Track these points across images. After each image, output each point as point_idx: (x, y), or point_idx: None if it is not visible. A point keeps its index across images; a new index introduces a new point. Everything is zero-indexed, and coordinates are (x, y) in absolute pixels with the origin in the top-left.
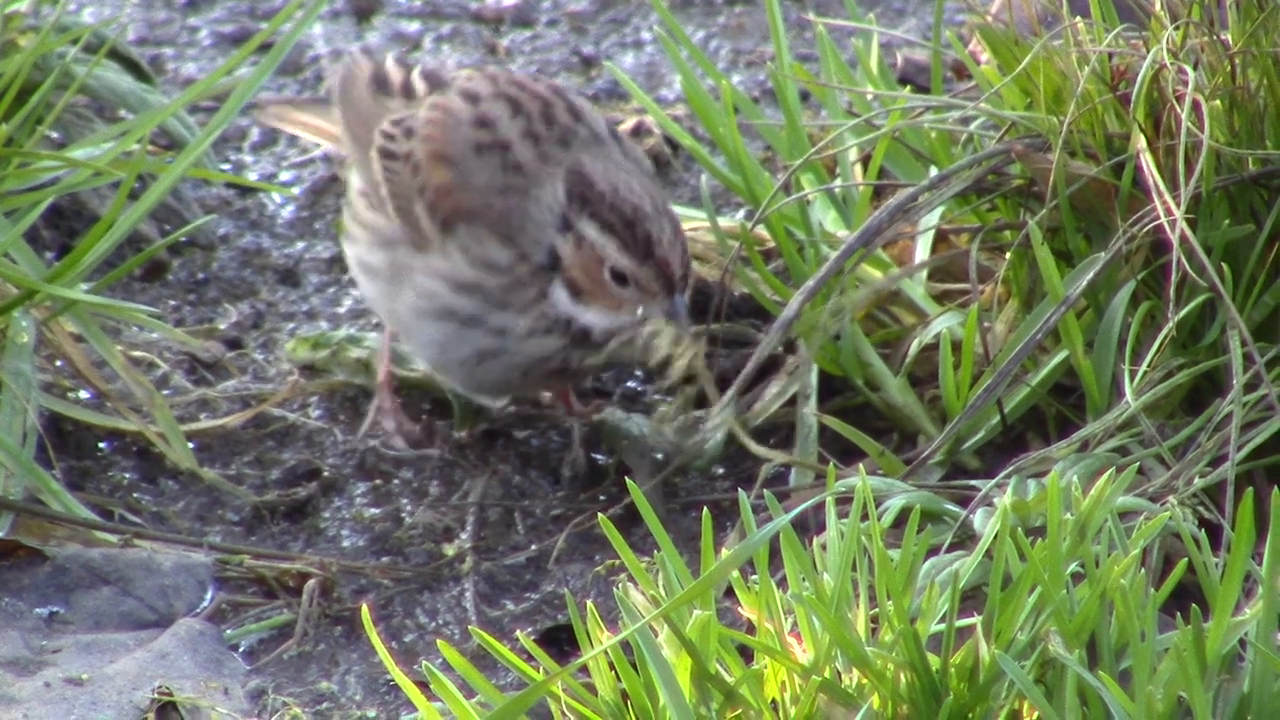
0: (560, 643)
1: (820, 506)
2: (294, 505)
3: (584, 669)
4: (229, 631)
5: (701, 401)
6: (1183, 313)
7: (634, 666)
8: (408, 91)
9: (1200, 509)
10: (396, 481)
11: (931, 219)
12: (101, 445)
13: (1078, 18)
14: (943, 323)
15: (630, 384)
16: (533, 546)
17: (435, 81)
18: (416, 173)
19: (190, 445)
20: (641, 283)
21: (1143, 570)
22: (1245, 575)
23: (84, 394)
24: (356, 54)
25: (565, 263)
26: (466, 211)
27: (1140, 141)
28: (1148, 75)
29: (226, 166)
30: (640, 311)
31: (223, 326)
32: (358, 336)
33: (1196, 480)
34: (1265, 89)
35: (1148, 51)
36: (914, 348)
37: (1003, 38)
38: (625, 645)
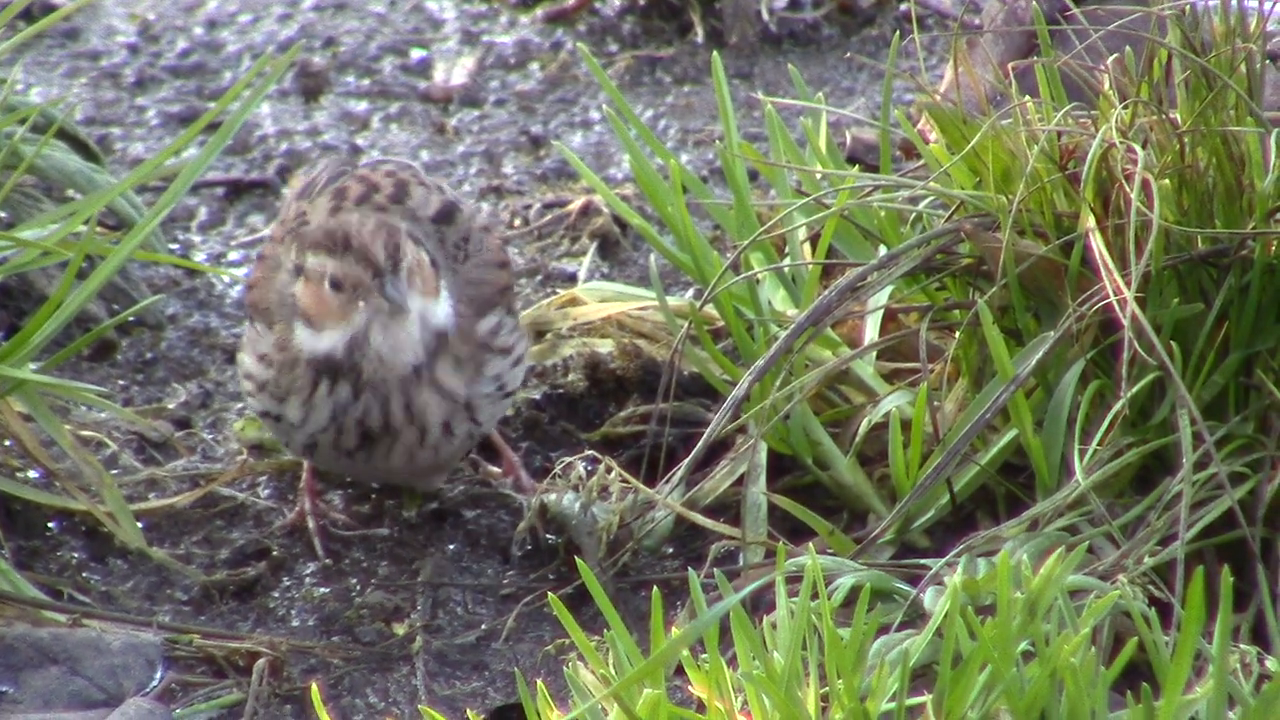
0: None
1: (770, 585)
2: (243, 584)
3: None
4: (178, 711)
5: (651, 480)
6: (1132, 391)
7: None
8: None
9: (1150, 587)
10: (346, 561)
11: (881, 298)
12: (50, 524)
13: (1026, 97)
14: (892, 401)
15: (580, 456)
16: (483, 625)
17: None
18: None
19: (139, 524)
20: (350, 277)
21: (1093, 649)
22: (1196, 654)
23: (33, 473)
24: None
25: (299, 301)
26: (265, 309)
27: (1089, 220)
28: (1097, 154)
29: (174, 246)
30: (362, 307)
31: (171, 406)
32: None
33: (1146, 559)
34: (1214, 168)
35: (1097, 130)
36: (864, 427)
37: (951, 117)
38: None
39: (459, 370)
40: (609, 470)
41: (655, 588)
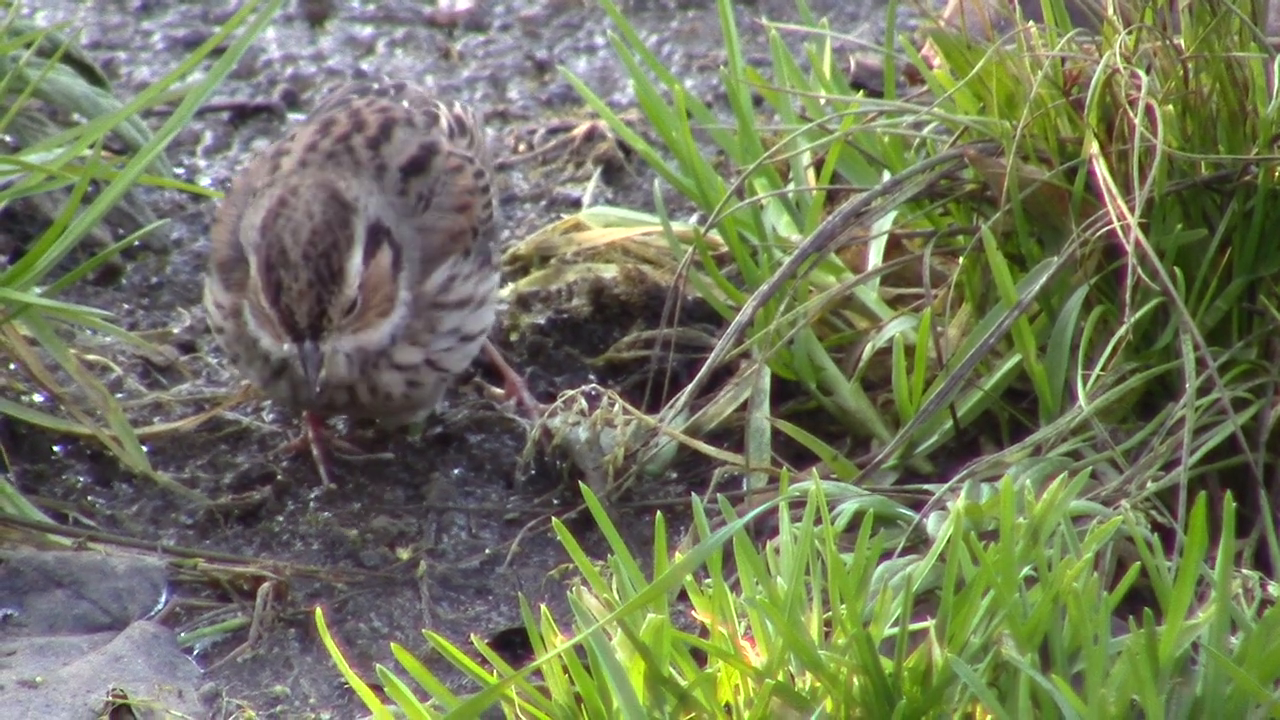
0: (514, 646)
1: (774, 511)
2: (248, 508)
3: (538, 672)
4: (183, 635)
5: (655, 405)
6: (1136, 317)
7: (587, 670)
8: None
9: (1153, 513)
10: (350, 485)
11: (884, 223)
12: (56, 449)
13: (1030, 22)
14: (896, 327)
15: (585, 388)
16: (487, 550)
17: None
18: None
19: (144, 448)
20: (273, 323)
21: (1096, 574)
22: (1198, 579)
23: (38, 397)
24: None
25: (249, 287)
26: (220, 263)
27: (1093, 146)
28: (1101, 80)
29: (180, 171)
30: (285, 346)
31: (176, 330)
32: None
33: (1149, 484)
34: (1218, 93)
35: (1101, 56)
36: (867, 352)
37: (955, 42)
38: (579, 648)
39: (415, 342)
40: (612, 403)
41: (659, 513)
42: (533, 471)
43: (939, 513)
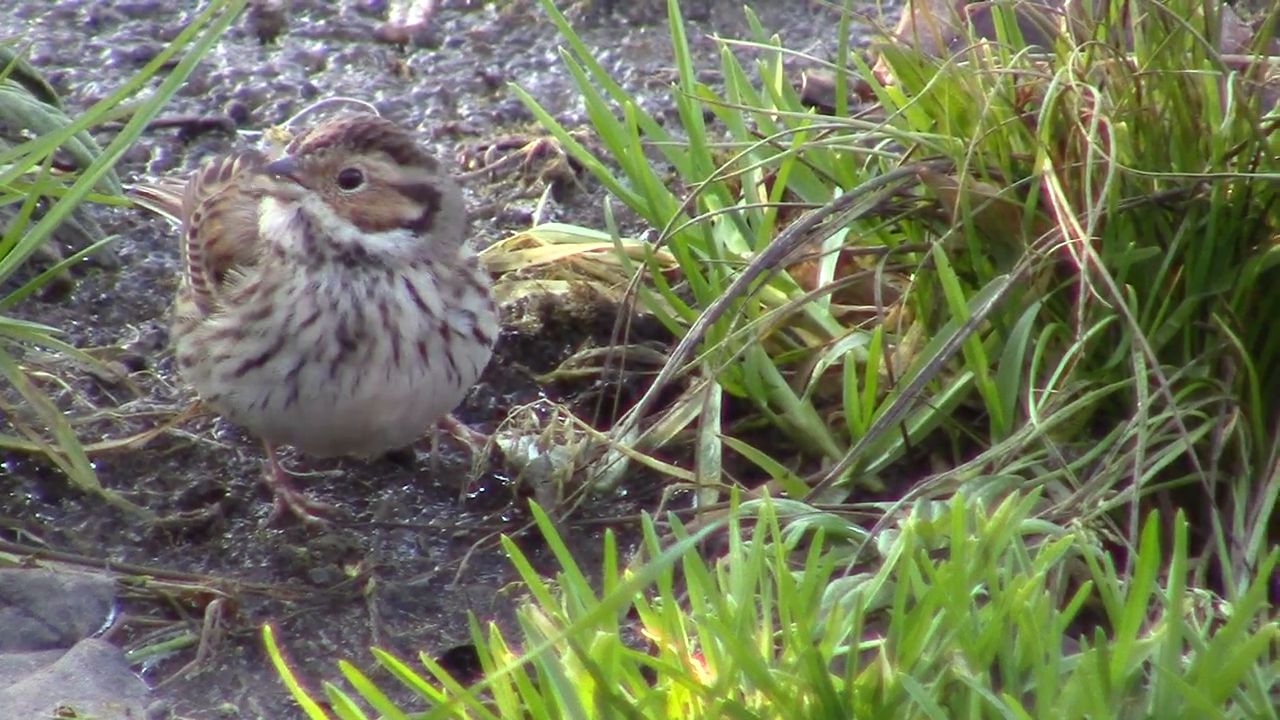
0: (464, 664)
1: (724, 528)
2: (196, 526)
3: (487, 690)
4: (131, 652)
5: (606, 422)
6: (1088, 335)
7: (537, 688)
8: (226, 175)
9: (1105, 531)
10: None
11: (836, 240)
12: (4, 465)
13: (983, 39)
14: (847, 344)
15: (535, 405)
16: (436, 567)
17: (254, 160)
18: (204, 237)
19: (93, 465)
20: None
21: (1047, 592)
22: (1150, 598)
23: None
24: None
25: None
26: (227, 254)
27: (1045, 163)
28: (1053, 97)
29: (129, 187)
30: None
31: (125, 347)
32: None
33: (1101, 503)
34: (1170, 111)
35: (1053, 73)
36: (818, 369)
37: (908, 59)
38: (529, 666)
39: (437, 289)
40: (563, 419)
41: (609, 530)
42: (482, 489)
43: (890, 531)
